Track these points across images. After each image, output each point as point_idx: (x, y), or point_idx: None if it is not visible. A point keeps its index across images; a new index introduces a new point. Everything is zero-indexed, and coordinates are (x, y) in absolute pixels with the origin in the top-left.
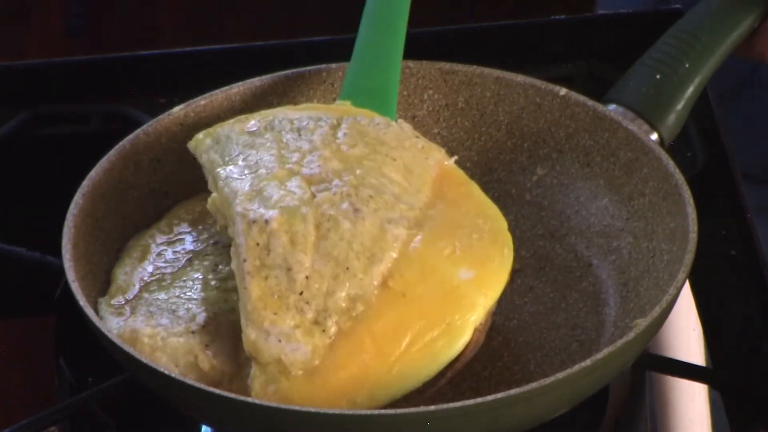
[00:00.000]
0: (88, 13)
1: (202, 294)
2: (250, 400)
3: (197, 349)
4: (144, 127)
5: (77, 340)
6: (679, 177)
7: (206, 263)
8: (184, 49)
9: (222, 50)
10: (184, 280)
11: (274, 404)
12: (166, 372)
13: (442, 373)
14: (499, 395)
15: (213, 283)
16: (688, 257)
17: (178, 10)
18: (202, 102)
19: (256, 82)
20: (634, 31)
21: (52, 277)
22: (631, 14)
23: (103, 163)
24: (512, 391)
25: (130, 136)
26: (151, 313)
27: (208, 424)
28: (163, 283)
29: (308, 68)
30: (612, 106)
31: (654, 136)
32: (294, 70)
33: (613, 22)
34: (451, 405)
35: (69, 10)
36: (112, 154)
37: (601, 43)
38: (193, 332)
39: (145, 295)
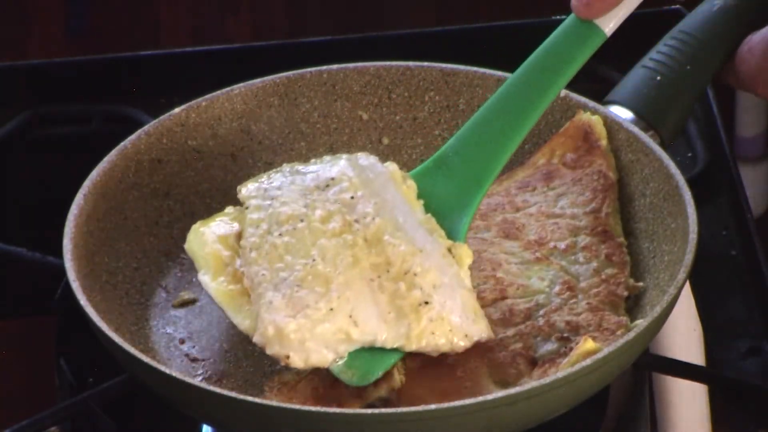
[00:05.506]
0: (90, 13)
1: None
2: (251, 399)
3: (345, 324)
4: (145, 127)
5: (78, 340)
6: (679, 178)
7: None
8: (185, 49)
9: (222, 50)
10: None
11: (274, 403)
12: (167, 371)
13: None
14: (499, 395)
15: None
16: (689, 258)
17: (179, 10)
18: (204, 103)
19: (257, 83)
20: (634, 31)
21: (52, 277)
22: (630, 14)
23: (104, 164)
24: (512, 391)
25: (132, 137)
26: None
27: (209, 424)
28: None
29: (309, 69)
30: (613, 108)
31: (655, 138)
32: (295, 72)
33: None
34: (452, 404)
35: (70, 10)
36: (113, 154)
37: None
38: (332, 310)
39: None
